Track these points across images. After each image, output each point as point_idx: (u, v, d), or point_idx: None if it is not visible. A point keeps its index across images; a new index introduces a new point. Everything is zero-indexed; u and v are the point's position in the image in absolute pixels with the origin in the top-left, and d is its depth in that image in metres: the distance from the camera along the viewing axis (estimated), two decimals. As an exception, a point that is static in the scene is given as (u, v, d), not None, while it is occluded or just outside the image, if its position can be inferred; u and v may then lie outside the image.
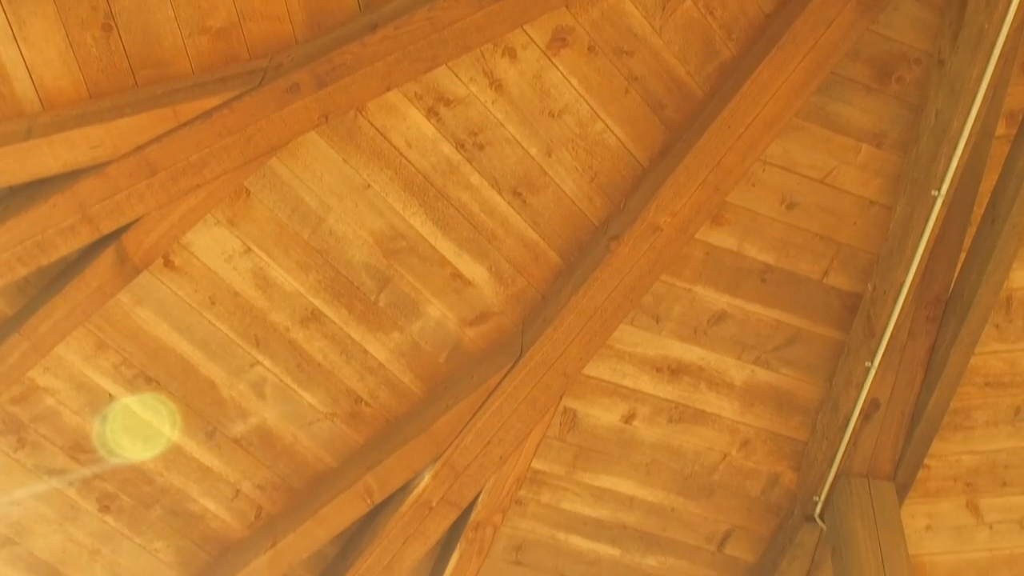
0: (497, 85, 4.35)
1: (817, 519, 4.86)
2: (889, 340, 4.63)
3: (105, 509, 4.59)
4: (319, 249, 4.42)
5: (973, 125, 4.21)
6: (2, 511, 4.50)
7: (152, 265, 4.27)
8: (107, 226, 4.06)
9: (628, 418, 4.92)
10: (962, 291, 4.55)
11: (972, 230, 4.61)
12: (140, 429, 4.54)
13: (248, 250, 4.37)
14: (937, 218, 4.43)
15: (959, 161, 4.31)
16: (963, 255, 4.62)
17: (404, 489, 4.74)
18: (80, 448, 4.46)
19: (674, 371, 4.86)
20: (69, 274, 4.14)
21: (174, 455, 4.56)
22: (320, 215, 4.38)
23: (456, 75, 4.31)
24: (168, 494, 4.62)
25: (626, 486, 5.03)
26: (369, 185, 4.38)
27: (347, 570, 4.78)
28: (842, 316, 4.80)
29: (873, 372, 4.68)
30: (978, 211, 4.58)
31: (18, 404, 4.35)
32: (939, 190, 4.38)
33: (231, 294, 4.41)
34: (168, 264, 4.31)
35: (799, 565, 5.01)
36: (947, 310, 4.62)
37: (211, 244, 4.34)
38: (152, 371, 4.42)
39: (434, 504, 4.76)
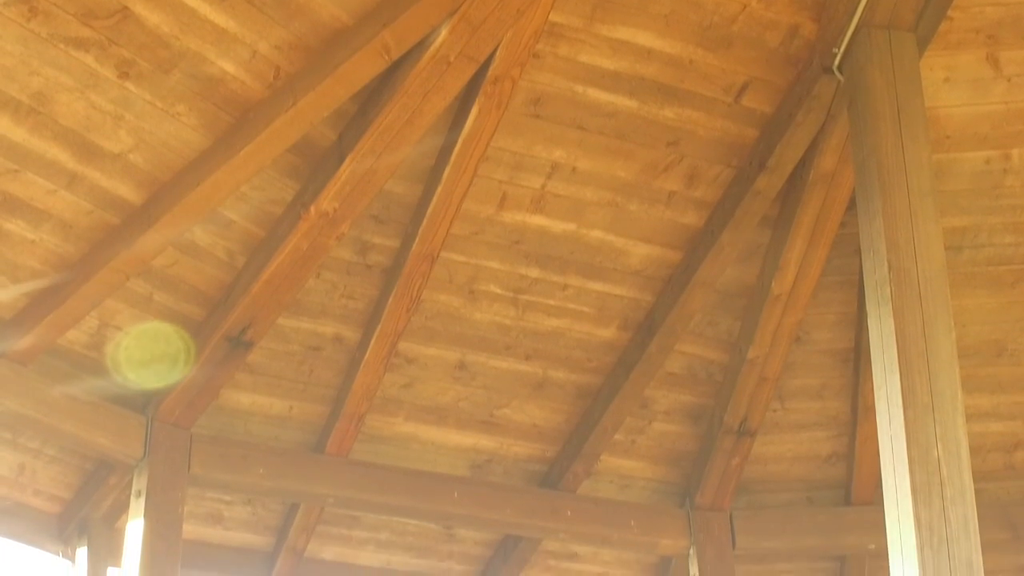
0: None
1: (835, 71, 4.76)
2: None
3: (124, 75, 4.56)
4: None
5: None
6: (22, 82, 4.47)
7: None
8: None
9: (645, -36, 4.80)
10: None
11: None
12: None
13: None
14: None
15: None
16: None
17: (421, 44, 4.69)
18: (93, 15, 4.36)
19: (695, -79, 4.70)
20: None
21: (188, 17, 4.45)
22: None
23: None
24: (185, 58, 4.57)
25: (644, 38, 4.95)
26: None
27: (367, 127, 4.83)
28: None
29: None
30: None
31: (23, -30, 4.23)
32: None
33: None
34: None
35: (815, 116, 4.97)
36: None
37: None
38: (152, -61, 4.28)
39: (452, 59, 4.74)
